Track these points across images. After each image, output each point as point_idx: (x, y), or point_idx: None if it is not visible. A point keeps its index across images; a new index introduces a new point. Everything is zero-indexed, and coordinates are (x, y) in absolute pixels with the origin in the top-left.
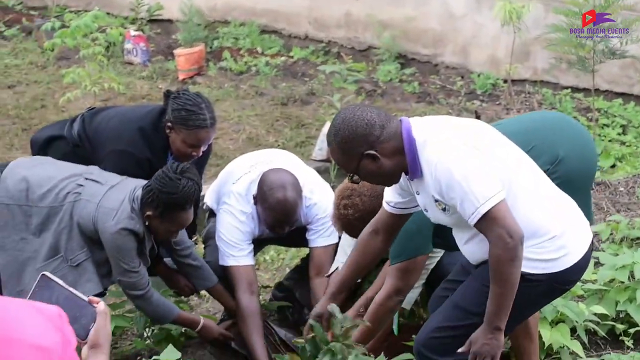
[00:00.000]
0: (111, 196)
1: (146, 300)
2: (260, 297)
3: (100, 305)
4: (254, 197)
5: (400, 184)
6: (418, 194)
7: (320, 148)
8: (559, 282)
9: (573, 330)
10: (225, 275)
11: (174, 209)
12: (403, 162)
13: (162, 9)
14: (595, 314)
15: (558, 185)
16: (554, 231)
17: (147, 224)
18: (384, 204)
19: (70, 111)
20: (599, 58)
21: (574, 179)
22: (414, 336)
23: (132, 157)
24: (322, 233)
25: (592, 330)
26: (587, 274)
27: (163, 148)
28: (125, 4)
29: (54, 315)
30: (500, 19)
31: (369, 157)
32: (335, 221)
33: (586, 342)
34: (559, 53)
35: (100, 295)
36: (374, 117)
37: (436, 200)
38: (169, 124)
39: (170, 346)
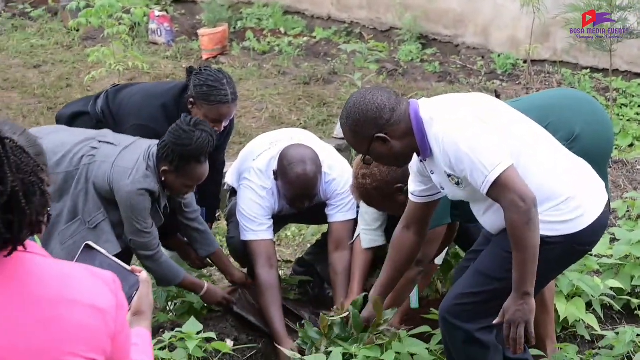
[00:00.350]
0: (125, 156)
1: (155, 262)
2: (282, 272)
3: (143, 274)
4: (274, 173)
5: (418, 171)
6: (433, 174)
7: None
8: (578, 243)
9: (589, 305)
10: (246, 250)
11: (189, 161)
12: (413, 143)
13: None
14: (611, 288)
15: None
16: (568, 193)
17: (163, 179)
18: (410, 196)
19: (95, 90)
20: (616, 38)
21: (589, 155)
22: (432, 309)
23: (153, 132)
24: (341, 208)
25: (608, 304)
26: (603, 249)
27: None
28: None
29: (109, 280)
30: (520, 0)
31: (380, 139)
32: (354, 190)
33: (602, 316)
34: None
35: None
36: (384, 101)
37: (449, 175)
38: (191, 99)
39: (193, 319)
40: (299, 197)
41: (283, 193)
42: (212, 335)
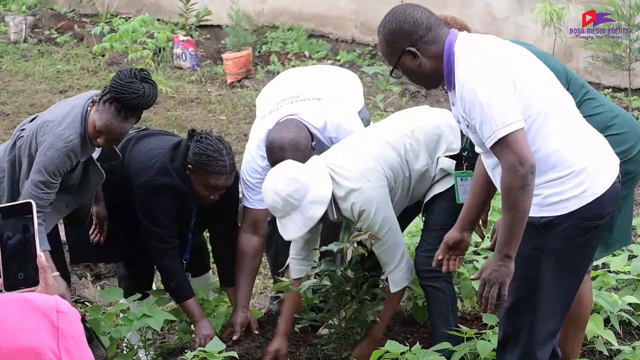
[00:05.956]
0: (53, 111)
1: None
2: None
3: (42, 260)
4: None
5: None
6: (453, 105)
7: None
8: (584, 219)
9: (607, 321)
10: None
11: (112, 102)
12: (441, 69)
13: (210, 14)
14: (629, 304)
15: None
16: (576, 166)
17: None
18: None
19: None
20: (634, 56)
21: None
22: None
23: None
24: None
25: (626, 320)
26: (621, 266)
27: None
28: (174, 10)
29: (50, 309)
30: (541, 21)
31: (410, 54)
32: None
33: (620, 331)
34: (596, 52)
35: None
36: (423, 18)
37: (462, 116)
38: (190, 165)
39: (216, 338)
40: None
41: None
42: (234, 354)
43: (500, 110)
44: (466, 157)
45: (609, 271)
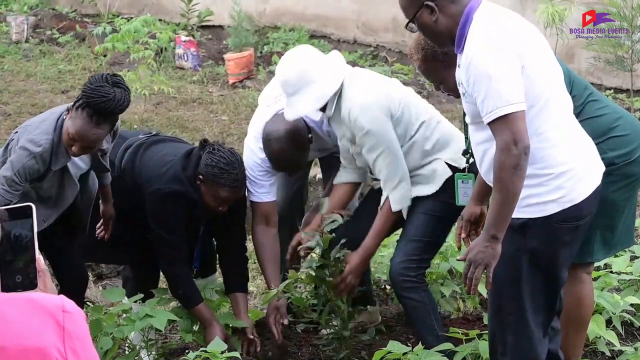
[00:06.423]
0: (36, 119)
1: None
2: None
3: (41, 264)
4: None
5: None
6: (459, 67)
7: None
8: (562, 221)
9: (609, 322)
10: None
11: (84, 107)
12: (454, 30)
13: (212, 14)
14: (631, 305)
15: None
16: (557, 168)
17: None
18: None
19: (122, 114)
20: (637, 57)
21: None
22: (452, 328)
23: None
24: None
25: (628, 321)
26: (623, 266)
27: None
28: (176, 11)
29: (56, 307)
30: (543, 22)
31: (428, 8)
32: (417, 51)
33: (622, 332)
34: (598, 53)
35: None
36: None
37: (462, 82)
38: (201, 176)
39: (217, 339)
40: (281, 170)
41: None
42: (237, 354)
43: (508, 88)
44: (468, 160)
45: (611, 272)
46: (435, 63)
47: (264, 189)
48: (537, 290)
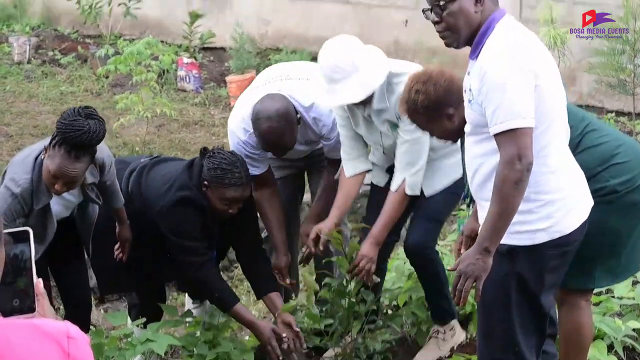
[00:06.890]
0: (21, 154)
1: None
2: None
3: (40, 287)
4: None
5: None
6: (468, 74)
7: None
8: (551, 248)
9: (610, 347)
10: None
11: (61, 144)
12: (468, 33)
13: (214, 37)
14: (633, 330)
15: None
16: (548, 195)
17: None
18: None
19: (124, 137)
20: (639, 81)
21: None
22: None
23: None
24: (337, 145)
25: (630, 346)
26: (625, 291)
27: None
28: (178, 32)
29: (60, 334)
30: (545, 45)
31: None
32: (402, 103)
33: (624, 357)
34: (600, 76)
35: None
36: None
37: (470, 89)
38: (205, 182)
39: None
40: (270, 150)
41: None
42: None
43: (521, 102)
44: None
45: (613, 297)
46: (418, 116)
47: (258, 165)
48: (525, 314)
